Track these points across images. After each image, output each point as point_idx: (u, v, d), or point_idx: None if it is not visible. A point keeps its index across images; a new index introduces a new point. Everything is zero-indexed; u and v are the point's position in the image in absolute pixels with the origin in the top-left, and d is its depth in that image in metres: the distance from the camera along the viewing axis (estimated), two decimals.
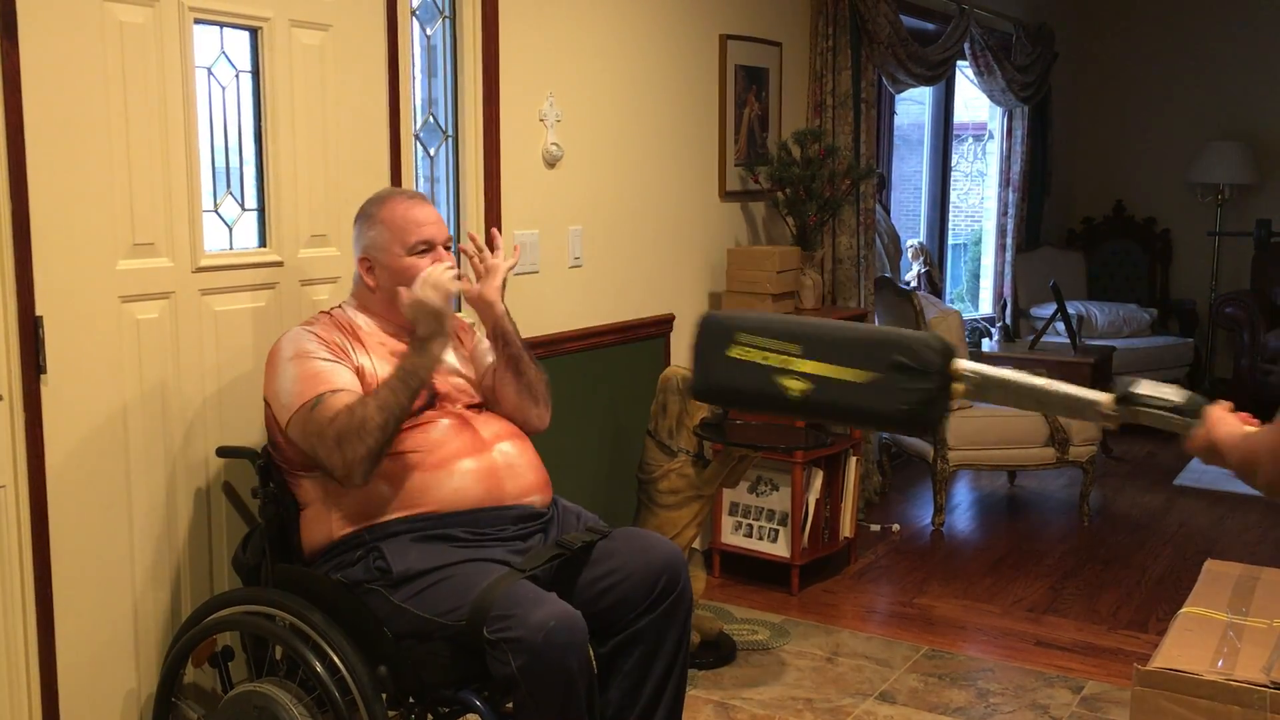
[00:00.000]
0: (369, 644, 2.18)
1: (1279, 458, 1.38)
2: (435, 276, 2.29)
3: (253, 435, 2.58)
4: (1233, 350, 7.03)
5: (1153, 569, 4.36)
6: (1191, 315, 7.30)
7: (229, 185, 2.61)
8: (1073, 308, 6.46)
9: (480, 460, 2.32)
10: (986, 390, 1.64)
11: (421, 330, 2.27)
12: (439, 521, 2.26)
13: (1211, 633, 2.63)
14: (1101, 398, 1.53)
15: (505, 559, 2.23)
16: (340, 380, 2.27)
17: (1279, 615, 2.67)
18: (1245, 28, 7.19)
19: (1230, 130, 7.21)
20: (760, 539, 4.12)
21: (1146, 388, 1.52)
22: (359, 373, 2.32)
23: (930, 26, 5.63)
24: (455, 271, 2.35)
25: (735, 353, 1.71)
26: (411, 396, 2.24)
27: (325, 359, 2.29)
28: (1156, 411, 1.50)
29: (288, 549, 2.38)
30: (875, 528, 4.80)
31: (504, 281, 2.54)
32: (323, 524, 2.31)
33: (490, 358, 2.56)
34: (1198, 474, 5.73)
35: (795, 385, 1.67)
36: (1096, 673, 3.44)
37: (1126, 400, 1.51)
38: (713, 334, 1.79)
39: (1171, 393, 1.51)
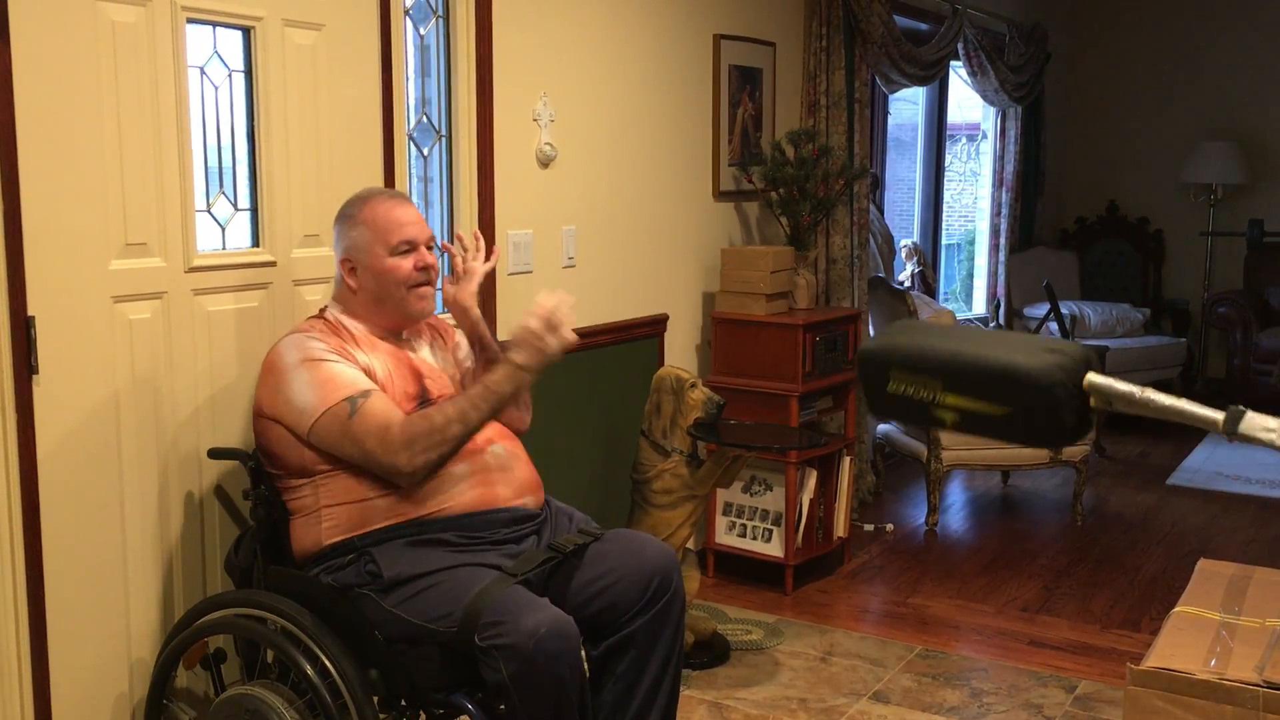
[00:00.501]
0: (360, 647, 2.18)
1: None
2: (554, 317, 2.28)
3: (246, 437, 2.57)
4: (1225, 350, 7.05)
5: (1146, 568, 4.37)
6: (1184, 315, 7.31)
7: (222, 185, 2.60)
8: (1066, 307, 6.46)
9: (473, 463, 2.32)
10: (1114, 403, 1.72)
11: (523, 360, 2.27)
12: (431, 526, 2.25)
13: (1204, 632, 2.63)
14: (1217, 417, 1.60)
15: (497, 563, 2.22)
16: (364, 381, 2.27)
17: (1272, 614, 2.67)
18: (1237, 29, 7.20)
19: (1222, 131, 7.22)
20: (754, 539, 4.12)
21: (1253, 423, 1.57)
22: (368, 374, 2.31)
23: (924, 26, 5.63)
24: (571, 308, 2.32)
25: (892, 388, 1.74)
26: (490, 417, 2.27)
27: (336, 361, 2.28)
28: (1267, 441, 1.56)
29: (279, 552, 2.38)
30: (869, 527, 4.80)
31: (479, 287, 2.55)
32: (314, 531, 2.30)
33: (469, 362, 2.56)
34: (1190, 473, 5.74)
35: (948, 416, 1.70)
36: (1090, 672, 3.45)
37: (1234, 433, 1.57)
38: (870, 369, 1.90)
39: (1275, 428, 1.55)
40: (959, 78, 6.32)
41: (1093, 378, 1.62)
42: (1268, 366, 6.66)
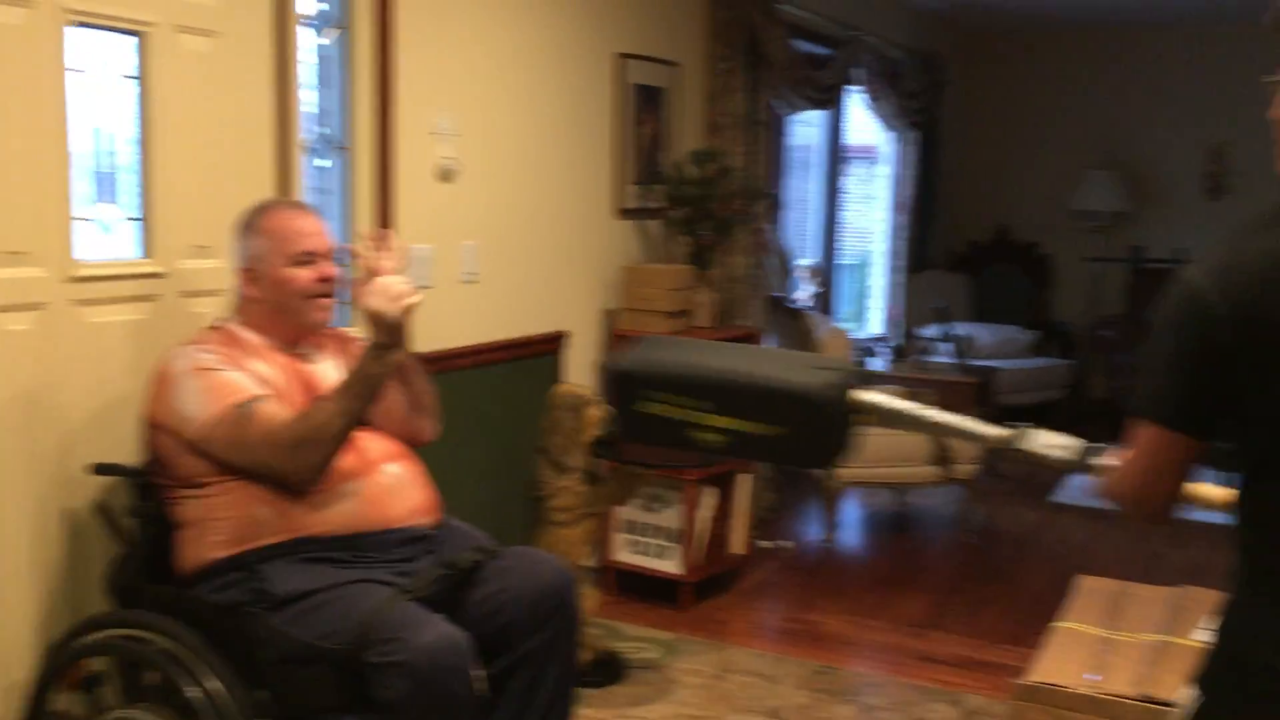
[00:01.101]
0: (248, 668, 2.13)
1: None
2: (391, 288, 2.27)
3: (136, 452, 2.49)
4: (1109, 372, 7.30)
5: (1031, 584, 4.49)
6: (1070, 338, 7.56)
7: (108, 194, 2.53)
8: (958, 329, 6.63)
9: (366, 482, 2.29)
10: (885, 420, 1.70)
11: (379, 337, 2.26)
12: (321, 545, 2.21)
13: (1084, 647, 2.71)
14: (1002, 434, 1.59)
15: (390, 580, 2.19)
16: (255, 387, 2.24)
17: (1148, 630, 2.77)
18: (1121, 64, 7.50)
19: (1107, 160, 7.50)
20: (653, 556, 4.13)
21: (1041, 440, 1.58)
22: (262, 383, 2.27)
23: (823, 51, 5.74)
24: (408, 281, 2.32)
25: (646, 408, 1.74)
26: (367, 404, 2.25)
27: (226, 369, 2.25)
28: (1047, 454, 1.56)
29: (163, 571, 2.31)
30: (767, 544, 4.85)
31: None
32: (201, 545, 2.25)
33: None
34: (1074, 491, 5.93)
35: (711, 437, 1.72)
36: (977, 686, 3.53)
37: (1017, 441, 1.57)
38: (620, 387, 1.81)
39: (1066, 444, 1.57)
40: (858, 102, 6.46)
41: (867, 394, 1.64)
42: None
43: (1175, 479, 1.36)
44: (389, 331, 2.27)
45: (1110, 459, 1.46)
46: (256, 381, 2.27)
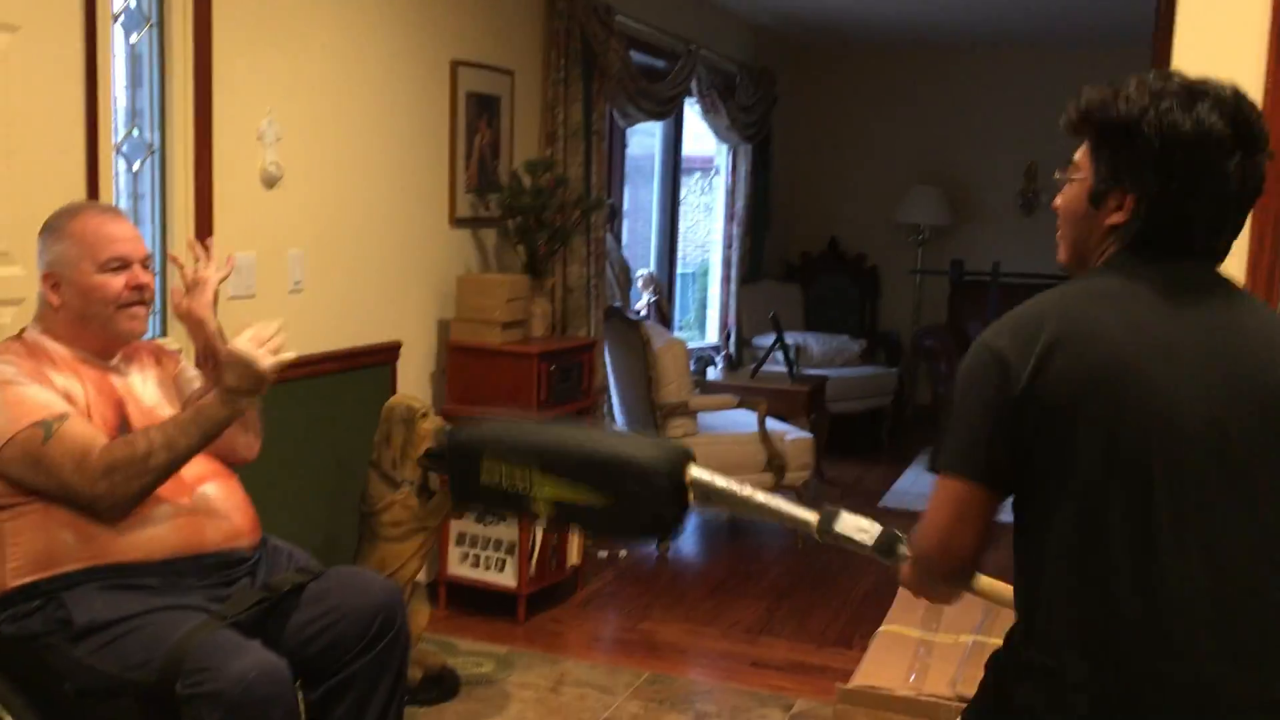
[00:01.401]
0: (46, 703, 2.01)
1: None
2: (264, 335, 2.17)
3: None
4: (932, 379, 7.60)
5: (858, 588, 4.62)
6: (897, 346, 7.82)
7: None
8: (791, 338, 6.79)
9: (178, 505, 2.18)
10: (713, 499, 1.76)
11: (235, 383, 2.14)
12: (130, 571, 2.10)
13: (905, 650, 2.80)
14: (812, 519, 1.68)
15: (204, 606, 2.10)
16: (60, 404, 2.11)
17: (965, 631, 2.88)
18: (944, 82, 7.82)
19: (930, 175, 7.81)
20: (488, 569, 4.08)
21: (847, 523, 1.67)
22: (67, 399, 2.14)
23: (660, 64, 5.80)
24: (284, 338, 2.21)
25: (483, 474, 1.78)
26: (201, 445, 2.14)
27: (27, 384, 2.11)
28: (852, 545, 1.66)
29: None
30: (603, 554, 4.86)
31: (215, 297, 2.42)
32: None
33: (197, 384, 2.42)
34: (900, 495, 6.14)
35: (542, 508, 1.75)
36: (805, 690, 3.60)
37: (825, 531, 1.67)
38: (460, 455, 1.83)
39: (867, 529, 1.67)
40: (694, 113, 6.54)
41: (694, 471, 1.70)
42: None
43: (976, 531, 1.42)
44: (252, 381, 2.15)
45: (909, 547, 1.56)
46: (61, 397, 2.14)
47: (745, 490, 1.71)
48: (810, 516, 1.66)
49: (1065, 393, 1.34)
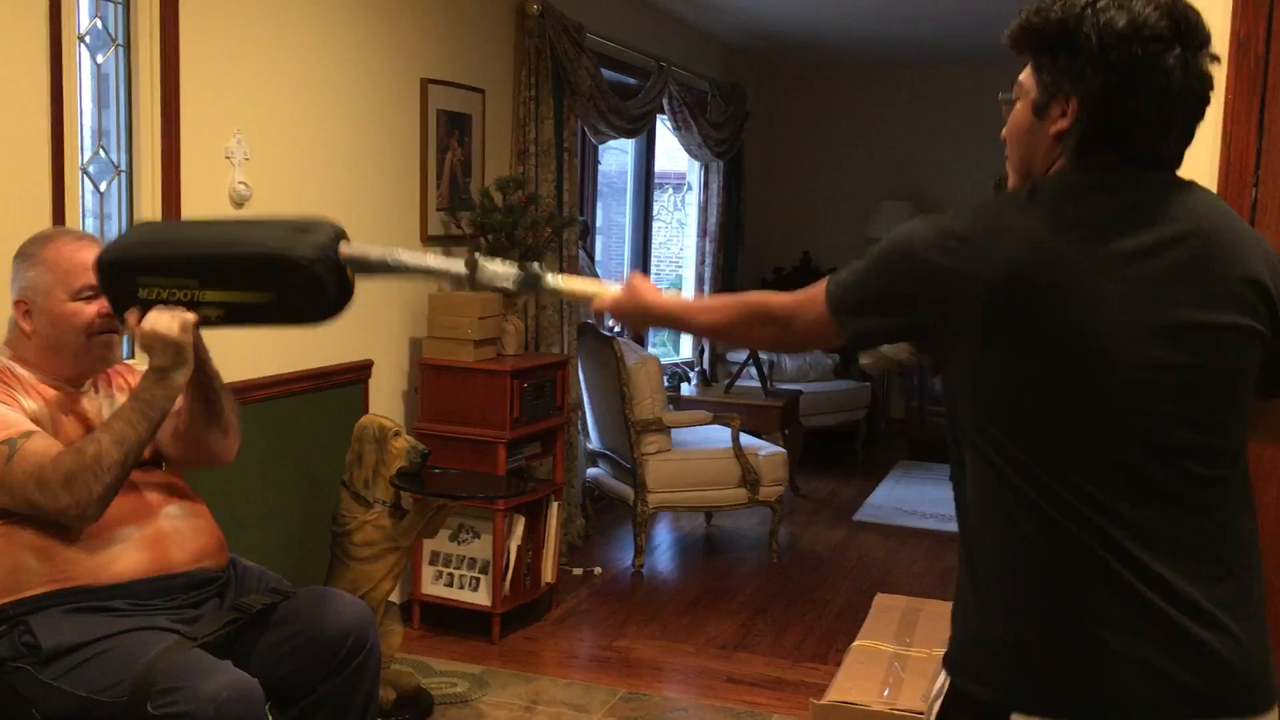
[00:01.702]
0: None
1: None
2: (182, 317, 2.10)
3: None
4: (905, 394, 7.63)
5: (833, 602, 4.63)
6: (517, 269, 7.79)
7: None
8: (764, 354, 6.80)
9: (144, 527, 2.17)
10: (372, 270, 1.89)
11: (159, 360, 2.10)
12: (96, 594, 2.08)
13: (879, 664, 2.81)
14: (458, 267, 1.84)
15: (173, 627, 2.08)
16: (25, 423, 2.09)
17: (939, 644, 2.88)
18: (913, 99, 7.88)
19: (899, 190, 7.86)
20: (461, 588, 4.06)
21: (490, 269, 1.84)
22: (34, 422, 2.12)
23: (631, 81, 5.82)
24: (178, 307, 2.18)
25: (144, 294, 1.89)
26: (151, 430, 2.11)
27: None
28: (493, 281, 1.86)
29: None
30: (578, 571, 4.85)
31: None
32: None
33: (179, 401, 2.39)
34: (874, 509, 6.15)
35: (209, 312, 1.90)
36: (781, 706, 3.60)
37: (471, 266, 1.83)
38: (113, 277, 1.93)
39: (508, 270, 1.83)
40: (666, 129, 6.57)
41: (345, 248, 1.83)
42: (939, 409, 7.26)
43: (799, 340, 1.57)
44: (170, 352, 2.10)
45: (559, 280, 1.79)
46: (27, 417, 2.12)
47: (396, 255, 1.87)
48: (459, 268, 1.81)
49: (1013, 319, 1.32)
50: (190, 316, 2.10)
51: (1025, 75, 1.44)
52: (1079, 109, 1.37)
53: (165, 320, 2.08)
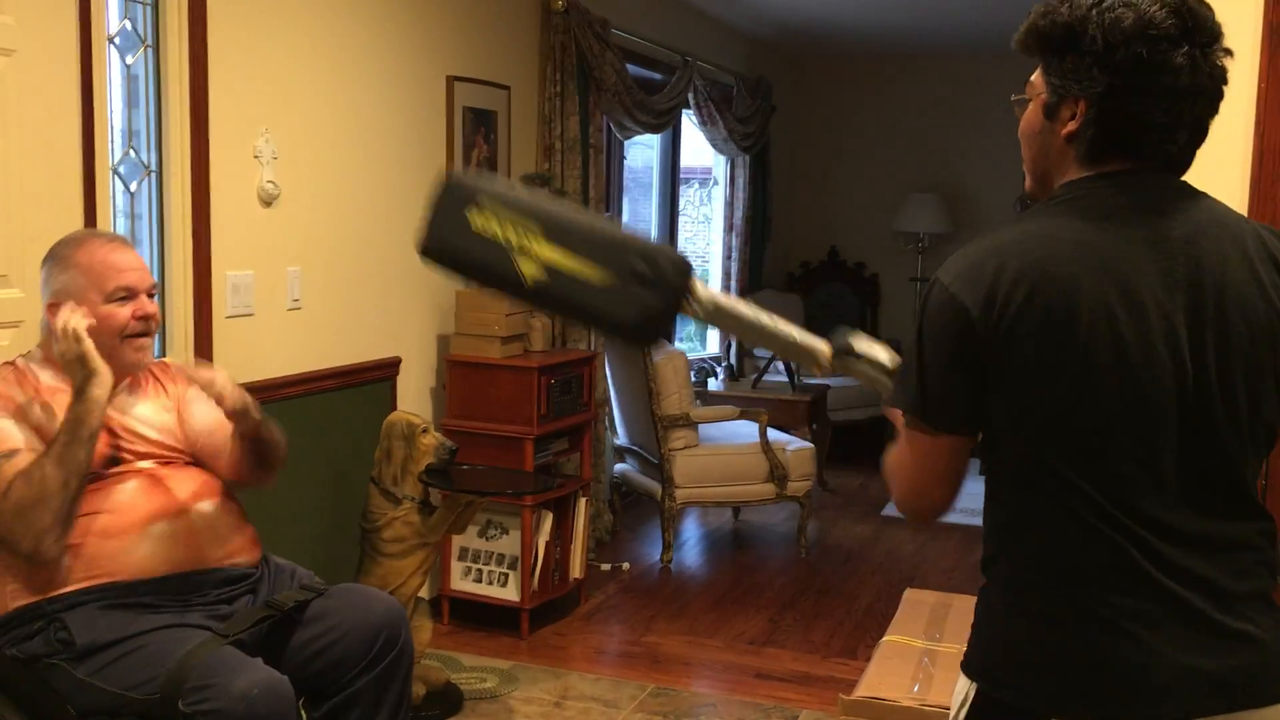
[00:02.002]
0: None
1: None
2: (66, 325, 2.12)
3: None
4: None
5: (862, 598, 4.62)
6: (897, 354, 7.80)
7: None
8: None
9: (176, 522, 2.18)
10: (716, 318, 1.60)
11: (75, 379, 2.10)
12: (129, 590, 2.10)
13: (909, 659, 2.80)
14: (821, 346, 1.60)
15: (206, 624, 2.10)
16: (14, 439, 2.09)
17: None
18: (941, 91, 7.82)
19: (928, 184, 7.81)
20: (490, 584, 4.08)
21: (863, 344, 1.62)
22: (39, 432, 2.13)
23: (657, 76, 5.81)
24: (82, 313, 2.17)
25: (475, 218, 1.58)
26: (87, 448, 2.07)
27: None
28: (869, 370, 1.60)
29: None
30: (606, 567, 4.85)
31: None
32: None
33: (212, 409, 2.37)
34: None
35: (530, 270, 1.55)
36: (810, 701, 3.59)
37: (843, 353, 1.60)
38: (455, 194, 1.64)
39: (883, 353, 1.62)
40: (692, 124, 6.56)
41: (697, 283, 1.53)
42: None
43: (950, 480, 1.45)
44: (81, 367, 2.09)
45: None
46: (28, 431, 2.12)
47: (751, 310, 1.58)
48: (821, 344, 1.55)
49: (1027, 333, 1.31)
50: (79, 328, 2.09)
51: (1037, 76, 1.44)
52: (1086, 110, 1.37)
53: (62, 343, 2.09)
